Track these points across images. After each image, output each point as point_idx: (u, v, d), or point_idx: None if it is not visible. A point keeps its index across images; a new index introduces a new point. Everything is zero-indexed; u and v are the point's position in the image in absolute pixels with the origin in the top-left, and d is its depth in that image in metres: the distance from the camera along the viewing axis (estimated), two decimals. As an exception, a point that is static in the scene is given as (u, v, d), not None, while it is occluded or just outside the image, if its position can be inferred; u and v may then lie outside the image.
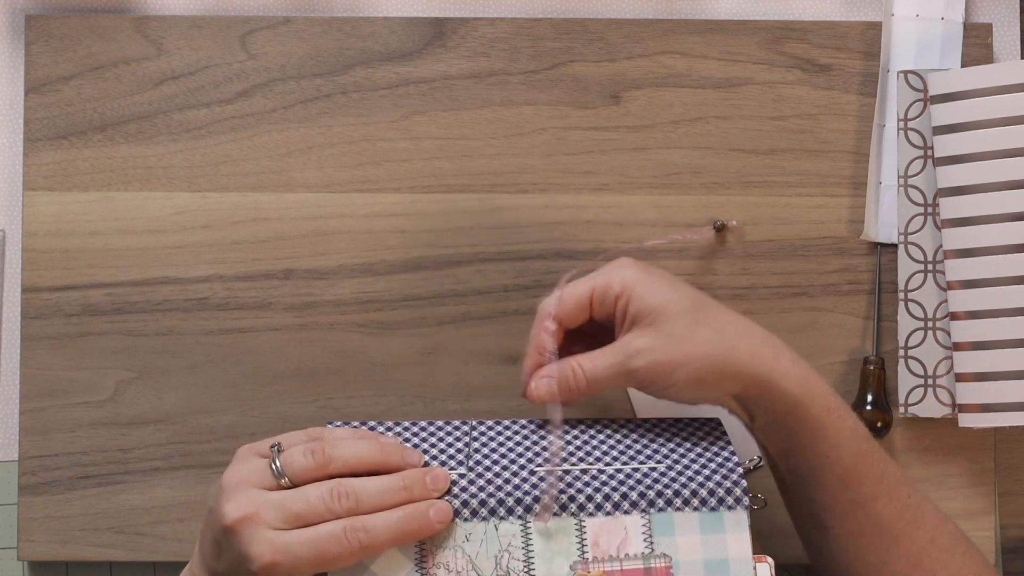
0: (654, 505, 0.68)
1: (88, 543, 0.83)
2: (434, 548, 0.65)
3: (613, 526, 0.67)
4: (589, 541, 0.67)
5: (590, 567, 0.67)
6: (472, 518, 0.66)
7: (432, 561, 0.65)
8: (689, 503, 0.68)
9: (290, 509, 0.63)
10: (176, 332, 0.84)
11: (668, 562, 0.67)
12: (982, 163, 0.80)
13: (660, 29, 0.85)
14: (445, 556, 0.66)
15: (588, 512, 0.67)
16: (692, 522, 0.67)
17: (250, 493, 0.64)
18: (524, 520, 0.67)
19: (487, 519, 0.66)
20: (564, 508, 0.67)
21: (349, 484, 0.64)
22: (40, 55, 0.84)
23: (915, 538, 0.69)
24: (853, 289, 0.84)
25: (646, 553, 0.67)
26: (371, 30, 0.85)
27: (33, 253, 0.84)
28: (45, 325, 0.84)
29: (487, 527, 0.66)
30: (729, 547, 0.67)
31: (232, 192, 0.84)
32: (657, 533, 0.67)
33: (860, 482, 0.69)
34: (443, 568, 0.65)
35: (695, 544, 0.67)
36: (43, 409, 0.83)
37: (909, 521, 0.69)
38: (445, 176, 0.84)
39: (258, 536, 0.62)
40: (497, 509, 0.66)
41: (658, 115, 0.85)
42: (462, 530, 0.66)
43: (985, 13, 0.87)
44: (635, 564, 0.67)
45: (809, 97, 0.85)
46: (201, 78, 0.85)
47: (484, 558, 0.66)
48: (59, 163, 0.84)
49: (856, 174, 0.85)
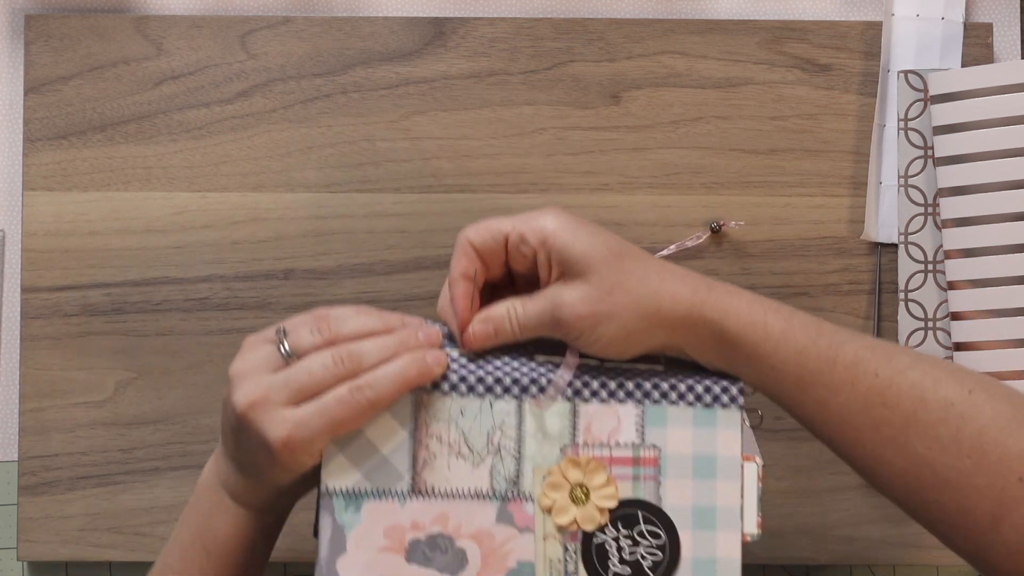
0: (649, 396, 0.68)
1: (88, 543, 0.83)
2: (428, 420, 0.67)
3: (607, 414, 0.68)
4: (581, 426, 0.68)
5: (580, 452, 0.67)
6: (468, 394, 0.67)
7: (426, 432, 0.67)
8: (684, 397, 0.68)
9: (296, 384, 0.64)
10: (176, 332, 0.84)
11: (657, 453, 0.68)
12: (982, 163, 0.80)
13: (660, 29, 0.85)
14: (439, 428, 0.67)
15: (583, 398, 0.68)
16: (685, 416, 0.68)
17: (257, 378, 0.65)
18: (519, 400, 0.67)
19: (483, 396, 0.67)
20: (589, 393, 0.68)
21: (348, 346, 0.65)
22: (40, 55, 0.84)
23: (891, 420, 0.64)
24: (853, 289, 0.84)
25: (636, 443, 0.68)
26: (371, 30, 0.85)
27: (33, 253, 0.84)
28: (45, 325, 0.84)
29: (482, 404, 0.67)
30: (719, 444, 0.68)
31: (232, 192, 0.84)
32: (649, 424, 0.68)
33: (812, 384, 0.65)
34: (435, 439, 0.67)
35: (686, 438, 0.68)
36: (43, 409, 0.83)
37: (880, 404, 0.64)
38: (445, 176, 0.84)
39: (270, 417, 0.64)
40: (494, 387, 0.67)
41: (658, 115, 0.85)
42: (457, 404, 0.67)
43: (985, 13, 0.87)
44: (624, 453, 0.68)
45: (809, 97, 0.85)
46: (201, 78, 0.85)
47: (476, 434, 0.67)
48: (59, 163, 0.84)
49: (856, 174, 0.85)
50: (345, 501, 0.66)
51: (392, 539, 0.67)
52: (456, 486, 0.67)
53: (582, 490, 0.67)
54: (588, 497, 0.67)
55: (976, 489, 0.62)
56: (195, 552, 0.70)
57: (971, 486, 0.62)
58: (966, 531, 0.64)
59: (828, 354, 0.65)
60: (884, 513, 0.83)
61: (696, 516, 0.68)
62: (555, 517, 0.67)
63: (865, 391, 0.64)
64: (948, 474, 0.63)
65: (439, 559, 0.66)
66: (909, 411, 0.63)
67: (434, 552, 0.66)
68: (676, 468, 0.68)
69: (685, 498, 0.68)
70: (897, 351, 0.65)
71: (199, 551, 0.70)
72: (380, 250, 0.84)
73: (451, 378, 0.67)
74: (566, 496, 0.67)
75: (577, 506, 0.67)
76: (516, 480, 0.67)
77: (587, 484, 0.67)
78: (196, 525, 0.70)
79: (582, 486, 0.67)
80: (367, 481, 0.66)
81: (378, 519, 0.67)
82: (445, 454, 0.67)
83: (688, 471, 0.68)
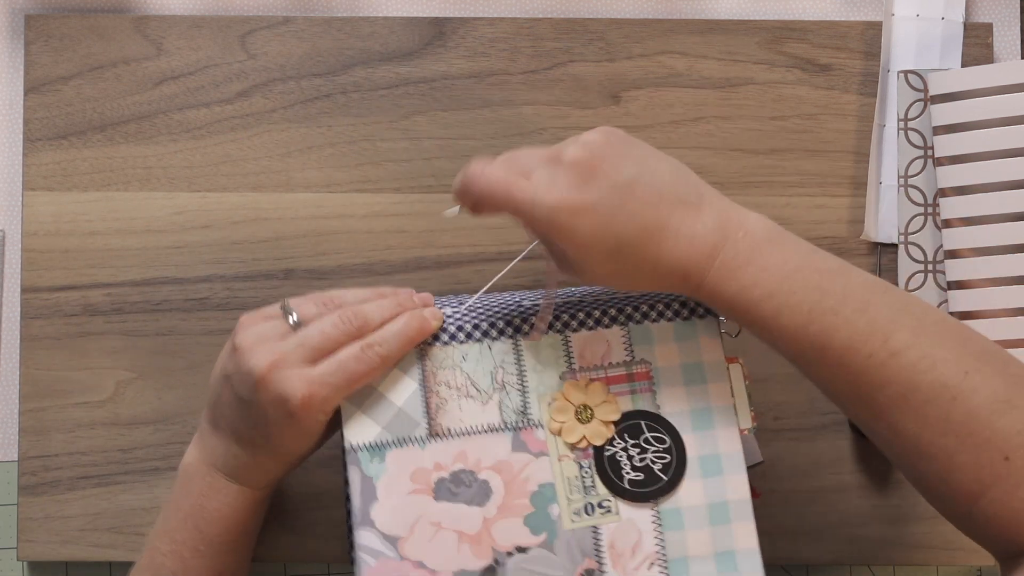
0: (631, 318, 0.73)
1: (88, 543, 0.83)
2: (435, 369, 0.72)
3: (596, 339, 0.73)
4: (575, 353, 0.73)
5: (578, 376, 0.73)
6: (467, 340, 0.72)
7: (434, 380, 0.71)
8: (663, 315, 0.73)
9: (311, 344, 0.68)
10: (176, 332, 0.84)
11: (648, 367, 0.73)
12: (982, 163, 0.80)
13: (660, 29, 0.85)
14: (445, 375, 0.72)
15: (572, 328, 0.73)
16: (667, 331, 0.73)
17: (269, 344, 0.68)
18: (515, 339, 0.73)
19: (481, 340, 0.72)
20: (550, 327, 0.73)
21: (353, 308, 0.69)
22: (40, 55, 0.84)
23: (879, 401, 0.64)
24: (853, 289, 0.84)
25: (628, 361, 0.73)
26: (371, 30, 0.85)
27: (33, 253, 0.84)
28: (45, 325, 0.84)
29: (481, 347, 0.72)
30: (703, 351, 0.73)
31: (232, 192, 0.84)
32: (636, 343, 0.73)
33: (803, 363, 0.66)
34: (444, 385, 0.72)
35: (672, 350, 0.73)
36: (43, 409, 0.83)
37: (869, 384, 0.64)
38: (445, 176, 0.84)
39: (289, 376, 0.67)
40: (489, 331, 0.72)
41: (658, 115, 0.85)
42: (459, 351, 0.72)
43: (985, 13, 0.87)
44: (618, 371, 0.73)
45: (809, 97, 0.85)
46: (201, 78, 0.85)
47: (481, 374, 0.72)
48: (59, 163, 0.84)
49: (856, 174, 0.85)
50: (370, 454, 0.71)
51: (418, 482, 0.71)
52: (470, 424, 0.72)
53: (586, 410, 0.72)
54: (592, 415, 0.72)
55: (959, 465, 0.63)
56: (187, 533, 0.72)
57: (955, 462, 0.63)
58: (948, 501, 0.65)
59: (819, 341, 0.65)
60: (884, 513, 0.84)
61: (694, 418, 0.72)
62: (565, 437, 0.72)
63: (856, 372, 0.64)
64: (932, 449, 0.63)
65: (464, 493, 0.71)
66: (898, 394, 0.63)
67: (459, 487, 0.71)
68: (668, 378, 0.73)
69: (681, 403, 0.72)
70: (898, 327, 0.63)
71: (191, 531, 0.72)
72: (380, 250, 0.84)
73: (449, 330, 0.72)
74: (572, 417, 0.72)
75: (584, 424, 0.72)
76: (524, 411, 0.72)
77: (589, 403, 0.72)
78: (187, 508, 0.72)
79: (585, 406, 0.72)
80: (387, 432, 0.71)
81: (403, 466, 0.71)
82: (455, 397, 0.72)
83: (679, 379, 0.73)
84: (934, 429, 0.63)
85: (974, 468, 0.62)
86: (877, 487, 0.84)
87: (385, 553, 0.69)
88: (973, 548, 0.83)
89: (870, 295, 0.65)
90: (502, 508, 0.71)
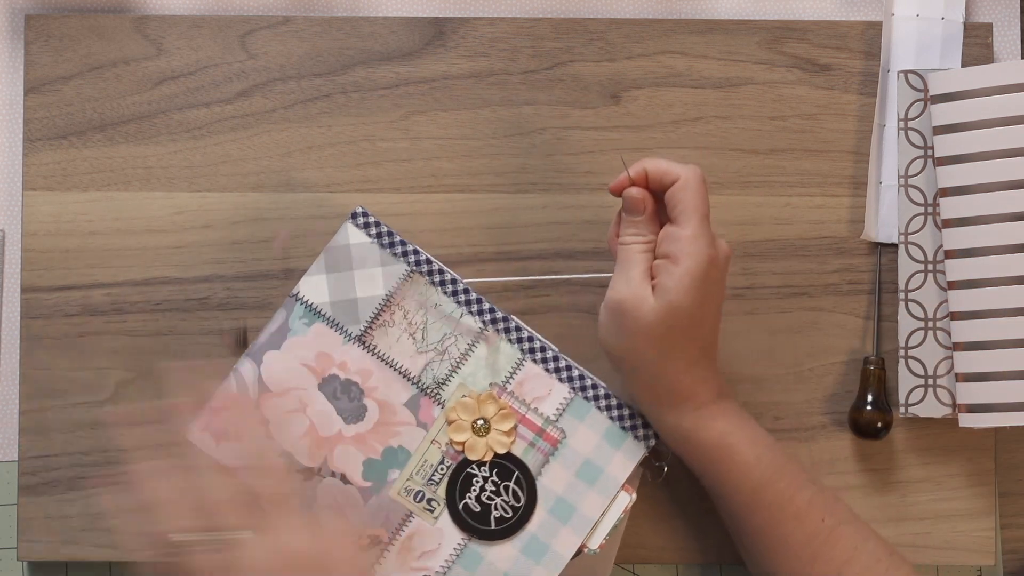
0: (584, 391, 0.75)
1: (88, 543, 0.83)
2: (407, 293, 0.75)
3: (543, 382, 0.75)
4: (518, 378, 0.75)
5: (502, 395, 0.75)
6: (450, 296, 0.75)
7: (399, 301, 0.75)
8: (610, 410, 0.75)
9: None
10: (176, 332, 0.84)
11: (561, 436, 0.75)
12: (982, 163, 0.80)
13: (660, 29, 0.85)
14: (410, 305, 0.75)
15: (535, 358, 0.75)
16: (601, 424, 0.75)
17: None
18: (483, 326, 0.75)
19: (460, 305, 0.75)
20: (519, 340, 0.74)
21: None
22: (40, 55, 0.84)
23: (830, 559, 0.73)
24: (853, 289, 0.84)
25: (550, 419, 0.75)
26: (371, 30, 0.85)
27: (33, 253, 0.84)
28: (45, 325, 0.84)
29: (455, 310, 0.75)
30: (612, 462, 0.75)
31: (232, 192, 0.84)
32: (569, 411, 0.75)
33: (761, 510, 0.73)
34: (402, 312, 0.75)
35: (590, 441, 0.75)
36: (43, 409, 0.83)
37: (823, 542, 0.73)
38: (445, 176, 0.84)
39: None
40: (471, 304, 0.75)
41: (658, 115, 0.85)
42: (436, 296, 0.75)
43: (985, 13, 0.87)
44: (536, 420, 0.75)
45: (809, 97, 0.85)
46: (201, 78, 0.85)
47: (435, 329, 0.75)
48: (59, 163, 0.84)
49: (856, 174, 0.85)
50: (303, 311, 0.75)
51: (319, 364, 0.75)
52: (393, 357, 0.75)
53: (484, 425, 0.74)
54: (487, 433, 0.74)
55: None
56: None
57: None
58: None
59: (785, 494, 0.73)
60: (884, 513, 0.84)
61: (557, 504, 0.75)
62: (451, 431, 0.75)
63: (811, 531, 0.73)
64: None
65: (343, 402, 0.75)
66: (843, 557, 0.73)
67: (342, 395, 0.75)
68: (567, 458, 0.75)
69: (559, 485, 0.75)
70: (839, 503, 0.75)
71: None
72: (380, 250, 0.84)
73: (448, 276, 0.76)
74: (470, 421, 0.75)
75: (474, 434, 0.74)
76: (441, 384, 0.75)
77: (492, 423, 0.74)
78: None
79: (488, 422, 0.74)
80: (330, 308, 0.75)
81: (318, 342, 0.75)
82: (402, 328, 0.75)
83: (575, 467, 0.75)
84: None
85: None
86: (877, 487, 0.84)
87: (248, 390, 0.74)
88: (973, 548, 0.83)
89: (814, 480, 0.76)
90: (357, 438, 0.74)
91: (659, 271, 0.72)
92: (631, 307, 0.71)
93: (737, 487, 0.73)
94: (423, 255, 0.77)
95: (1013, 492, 0.85)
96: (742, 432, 0.74)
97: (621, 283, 0.72)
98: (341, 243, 0.77)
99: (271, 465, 0.71)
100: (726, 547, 0.82)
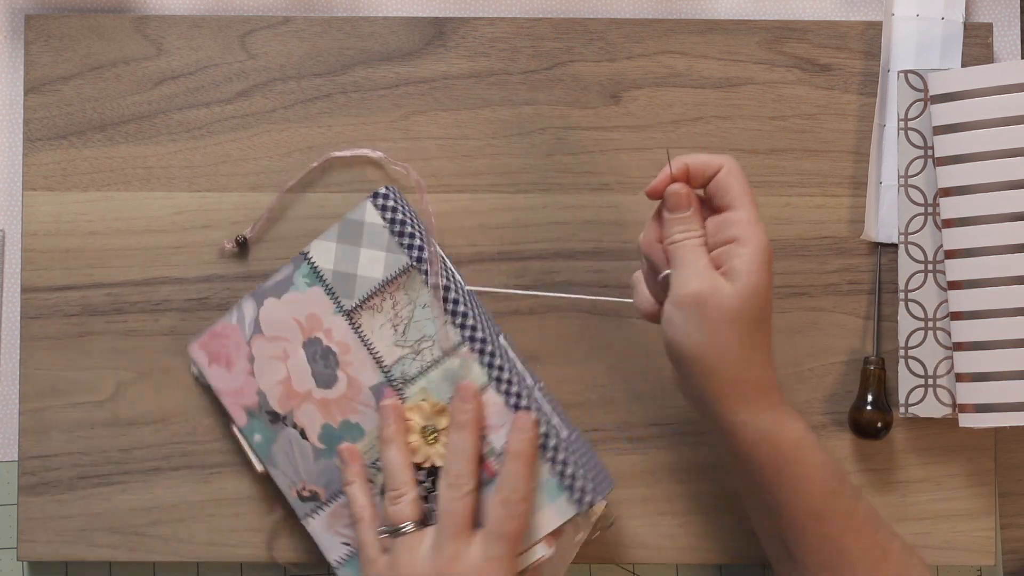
0: (547, 437, 0.75)
1: (88, 543, 0.83)
2: (401, 286, 0.78)
3: (500, 414, 0.76)
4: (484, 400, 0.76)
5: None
6: (445, 293, 0.77)
7: (391, 291, 0.78)
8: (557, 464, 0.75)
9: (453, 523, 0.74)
10: (176, 332, 0.84)
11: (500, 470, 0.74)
12: (982, 163, 0.80)
13: (660, 29, 0.85)
14: (401, 298, 0.78)
15: (499, 388, 0.76)
16: (542, 475, 0.75)
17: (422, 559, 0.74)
18: (462, 340, 0.77)
19: (447, 312, 0.77)
20: (490, 367, 0.76)
21: (453, 470, 0.75)
22: (40, 55, 0.84)
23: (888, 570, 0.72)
24: (853, 289, 0.84)
25: (495, 450, 0.76)
26: (371, 30, 0.85)
27: (33, 253, 0.84)
28: (45, 325, 0.84)
29: (441, 316, 0.77)
30: (540, 513, 0.75)
31: (232, 192, 0.84)
32: None
33: (830, 518, 0.71)
34: (391, 303, 0.78)
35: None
36: (43, 409, 0.83)
37: (876, 558, 0.72)
38: (445, 176, 0.84)
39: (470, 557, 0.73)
40: (460, 316, 0.77)
41: (658, 115, 0.85)
42: (427, 298, 0.78)
43: (985, 13, 0.87)
44: (483, 446, 0.76)
45: (809, 97, 0.85)
46: (201, 78, 0.85)
47: (416, 329, 0.78)
48: (59, 163, 0.84)
49: (856, 174, 0.85)
50: (308, 270, 0.79)
51: (308, 325, 0.79)
52: (373, 342, 0.78)
53: (435, 434, 0.76)
54: (434, 443, 0.76)
55: None
56: None
57: None
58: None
59: (850, 502, 0.72)
60: (884, 513, 0.83)
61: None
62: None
63: (868, 544, 0.72)
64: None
65: (319, 366, 0.79)
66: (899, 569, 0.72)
67: (319, 360, 0.78)
68: None
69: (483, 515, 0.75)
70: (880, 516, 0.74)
71: None
72: (380, 250, 0.84)
73: (443, 281, 0.77)
74: (421, 426, 0.77)
75: (422, 438, 0.77)
76: (407, 382, 0.77)
77: (441, 435, 0.76)
78: None
79: (438, 433, 0.76)
80: (332, 277, 0.78)
81: (313, 304, 0.79)
82: (387, 317, 0.78)
83: None
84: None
85: None
86: (877, 487, 0.84)
87: (244, 327, 0.79)
88: (973, 548, 0.83)
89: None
90: (323, 402, 0.78)
91: (726, 257, 0.69)
92: (709, 295, 0.68)
93: (809, 491, 0.70)
94: (426, 253, 0.77)
95: (1013, 492, 0.85)
96: (812, 433, 0.71)
97: (690, 277, 0.69)
98: (357, 218, 0.79)
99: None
100: (726, 547, 0.82)
